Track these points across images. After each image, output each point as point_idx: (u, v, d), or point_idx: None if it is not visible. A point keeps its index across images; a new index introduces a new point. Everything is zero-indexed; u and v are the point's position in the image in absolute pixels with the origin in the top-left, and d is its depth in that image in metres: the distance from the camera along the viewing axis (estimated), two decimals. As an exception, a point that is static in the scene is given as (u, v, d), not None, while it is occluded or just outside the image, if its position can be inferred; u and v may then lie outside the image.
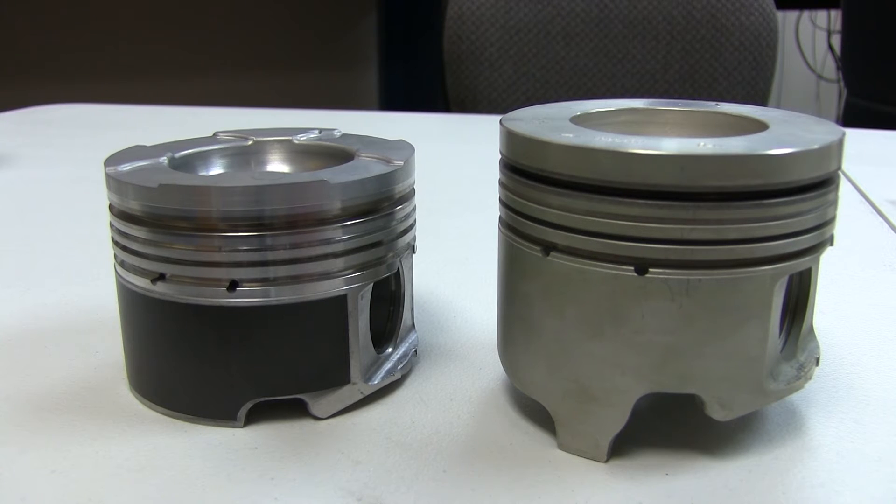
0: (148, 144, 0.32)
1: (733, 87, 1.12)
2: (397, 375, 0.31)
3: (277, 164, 0.34)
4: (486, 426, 0.28)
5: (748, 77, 1.12)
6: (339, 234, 0.27)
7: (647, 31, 1.12)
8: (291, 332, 0.27)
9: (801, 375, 0.26)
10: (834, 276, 0.43)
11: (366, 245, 0.28)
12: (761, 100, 1.13)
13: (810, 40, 2.41)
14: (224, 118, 0.92)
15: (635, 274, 0.24)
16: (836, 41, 2.15)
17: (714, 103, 0.31)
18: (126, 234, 0.28)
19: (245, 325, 0.27)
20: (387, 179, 0.28)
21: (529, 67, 1.13)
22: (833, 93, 2.42)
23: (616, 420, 0.25)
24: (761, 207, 0.23)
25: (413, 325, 0.33)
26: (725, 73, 1.12)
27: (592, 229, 0.24)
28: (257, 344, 0.27)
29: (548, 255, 0.25)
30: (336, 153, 0.32)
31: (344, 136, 0.34)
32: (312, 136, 0.34)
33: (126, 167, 0.29)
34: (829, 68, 2.41)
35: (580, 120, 0.28)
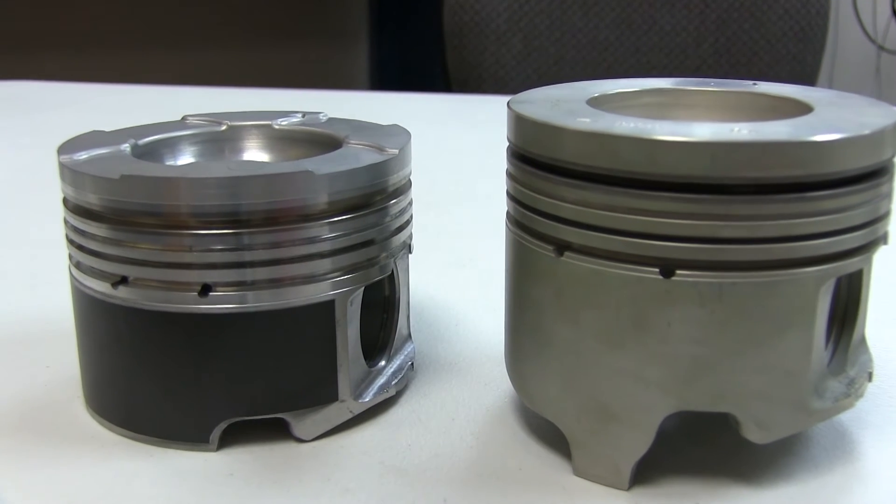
0: (107, 129, 0.33)
1: (777, 62, 1.12)
2: (392, 392, 0.31)
3: (255, 153, 0.34)
4: (492, 449, 0.29)
5: (794, 51, 1.12)
6: (325, 232, 0.28)
7: (677, -1, 1.12)
8: (272, 343, 0.28)
9: (851, 392, 0.27)
10: (889, 279, 0.43)
11: (356, 244, 0.28)
12: (809, 77, 1.13)
13: (870, 4, 2.39)
14: (194, 99, 0.92)
15: (660, 276, 0.24)
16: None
17: (751, 83, 0.31)
18: (83, 231, 0.28)
19: (219, 335, 0.27)
20: (379, 170, 0.29)
21: (542, 41, 1.14)
22: (898, 66, 2.39)
23: (639, 442, 0.26)
24: (804, 201, 0.23)
25: (409, 334, 0.34)
26: (768, 46, 1.12)
27: (612, 226, 0.24)
28: (233, 356, 0.28)
29: (562, 255, 0.25)
30: (322, 140, 0.33)
31: (330, 120, 0.35)
32: (295, 120, 0.35)
33: (83, 156, 0.29)
34: (893, 38, 2.39)
35: (599, 102, 0.29)
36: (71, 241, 0.29)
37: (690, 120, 0.30)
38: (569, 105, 0.27)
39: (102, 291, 0.28)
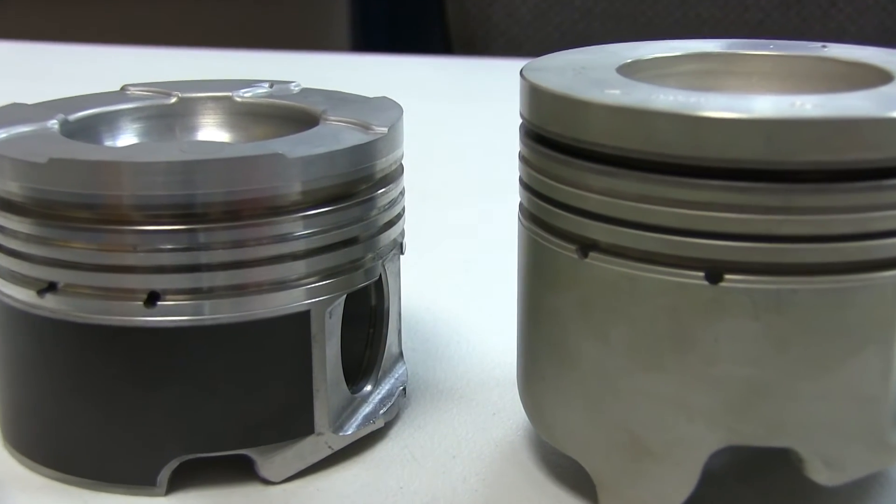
0: (29, 101, 0.33)
1: (861, 14, 1.11)
2: (379, 423, 0.31)
3: (213, 131, 0.34)
4: (501, 493, 0.29)
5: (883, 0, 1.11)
6: (298, 229, 0.28)
7: (732, -61, 1.12)
8: (233, 364, 0.28)
9: (941, 424, 0.27)
10: None
11: (336, 243, 0.29)
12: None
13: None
14: (137, 63, 0.92)
15: (706, 282, 0.24)
16: None
17: (819, 45, 0.31)
18: (1, 227, 0.28)
19: (169, 354, 0.28)
20: (364, 153, 0.29)
21: (565, -9, 1.14)
22: None
23: (681, 484, 0.26)
24: (882, 190, 0.24)
25: (401, 353, 0.34)
26: (848, -6, 1.11)
27: (647, 221, 0.24)
28: (186, 380, 0.28)
29: (586, 256, 0.26)
30: (294, 115, 0.33)
31: (304, 91, 0.35)
32: (260, 91, 0.35)
33: (0, 134, 0.29)
34: None
35: (632, 70, 0.29)
36: (-13, 240, 0.29)
37: (744, 92, 0.30)
38: (596, 73, 0.27)
39: (25, 301, 0.28)
